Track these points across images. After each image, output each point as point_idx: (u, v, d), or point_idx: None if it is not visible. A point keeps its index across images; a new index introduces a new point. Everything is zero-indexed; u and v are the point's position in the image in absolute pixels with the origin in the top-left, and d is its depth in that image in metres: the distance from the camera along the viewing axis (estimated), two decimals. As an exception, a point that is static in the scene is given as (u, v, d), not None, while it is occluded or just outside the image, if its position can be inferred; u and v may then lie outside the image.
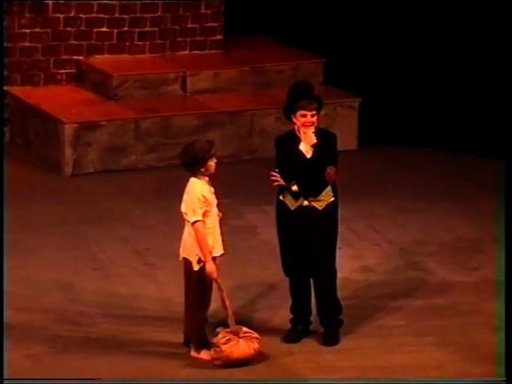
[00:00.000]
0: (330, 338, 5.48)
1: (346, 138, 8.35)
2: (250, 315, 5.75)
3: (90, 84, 8.42)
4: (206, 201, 5.20)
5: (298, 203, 5.38)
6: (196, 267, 5.27)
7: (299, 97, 5.38)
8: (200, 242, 5.21)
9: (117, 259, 6.49)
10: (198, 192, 5.20)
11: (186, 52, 8.67)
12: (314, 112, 5.39)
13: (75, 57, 8.45)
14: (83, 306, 5.88)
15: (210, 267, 5.23)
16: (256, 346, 5.29)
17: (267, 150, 8.29)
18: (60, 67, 8.44)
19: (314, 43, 8.61)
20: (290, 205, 5.40)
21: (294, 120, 5.43)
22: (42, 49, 8.37)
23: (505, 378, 4.90)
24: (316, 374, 5.25)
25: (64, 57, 8.43)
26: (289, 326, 5.59)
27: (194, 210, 5.19)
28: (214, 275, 5.23)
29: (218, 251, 5.34)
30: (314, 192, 5.37)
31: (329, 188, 5.43)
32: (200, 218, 5.17)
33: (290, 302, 5.62)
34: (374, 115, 8.31)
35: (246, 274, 6.24)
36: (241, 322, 5.44)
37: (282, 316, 5.71)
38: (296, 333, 5.52)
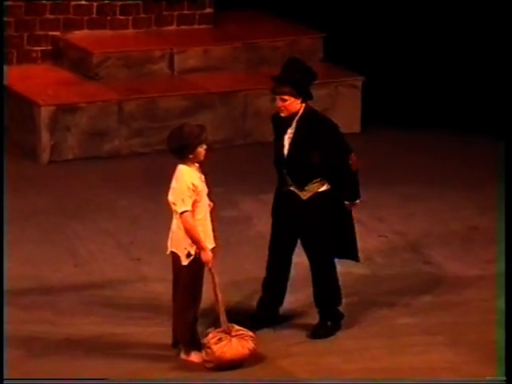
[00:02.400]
0: (319, 332, 5.50)
1: (349, 120, 8.32)
2: (245, 313, 5.73)
3: (68, 62, 8.38)
4: (195, 189, 5.17)
5: (287, 187, 5.47)
6: (185, 262, 5.26)
7: (273, 78, 5.44)
8: (190, 233, 5.19)
9: (99, 254, 6.48)
10: (188, 180, 5.16)
11: (173, 27, 8.63)
12: (283, 96, 5.40)
13: (51, 32, 8.40)
14: (63, 305, 5.86)
15: (206, 255, 5.19)
16: (251, 345, 5.27)
17: (262, 133, 8.28)
18: (35, 44, 8.40)
19: (312, 16, 8.58)
20: (281, 186, 5.52)
21: None
22: (15, 23, 8.32)
23: (505, 378, 4.93)
24: (317, 377, 5.24)
25: (39, 32, 8.38)
26: (287, 326, 5.60)
27: (182, 200, 5.16)
28: (210, 264, 5.21)
29: (209, 244, 5.32)
30: (296, 181, 5.42)
31: (318, 178, 5.44)
32: (189, 208, 5.13)
33: (288, 298, 5.61)
34: (379, 95, 8.29)
35: (240, 269, 6.24)
36: (234, 320, 5.43)
37: (280, 314, 5.70)
38: (261, 320, 5.53)
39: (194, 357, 5.31)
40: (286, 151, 5.44)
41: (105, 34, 8.46)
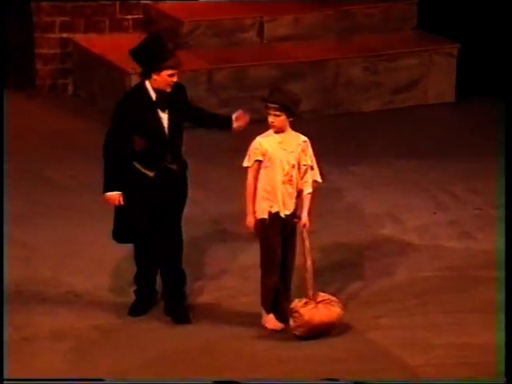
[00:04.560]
0: (183, 315, 5.40)
1: (443, 90, 8.16)
2: (335, 285, 5.70)
3: (158, 31, 8.41)
4: (263, 152, 5.31)
5: (162, 165, 5.36)
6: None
7: (167, 54, 5.28)
8: (245, 189, 5.35)
9: (189, 224, 6.50)
10: (257, 141, 5.37)
11: (263, -5, 8.58)
12: (178, 71, 5.36)
13: (143, 1, 8.44)
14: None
15: (248, 222, 5.33)
16: (337, 309, 5.29)
17: (354, 103, 8.18)
18: (127, 12, 8.43)
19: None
20: (148, 172, 5.36)
21: (155, 76, 5.29)
22: (108, -8, 8.40)
23: (505, 378, 4.82)
24: (408, 351, 5.16)
25: (131, 1, 8.43)
26: (373, 298, 5.54)
27: (248, 156, 5.36)
28: (250, 230, 5.30)
29: (285, 211, 5.34)
30: (176, 154, 5.37)
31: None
32: (249, 164, 5.35)
33: (373, 271, 5.55)
34: (475, 63, 8.08)
35: (329, 241, 6.18)
36: (326, 291, 5.41)
37: (373, 286, 5.68)
38: (142, 305, 5.47)
39: (269, 323, 5.33)
40: (166, 128, 5.33)
41: (195, 2, 8.46)
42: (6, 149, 7.31)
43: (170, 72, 5.30)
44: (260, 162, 5.34)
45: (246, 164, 5.40)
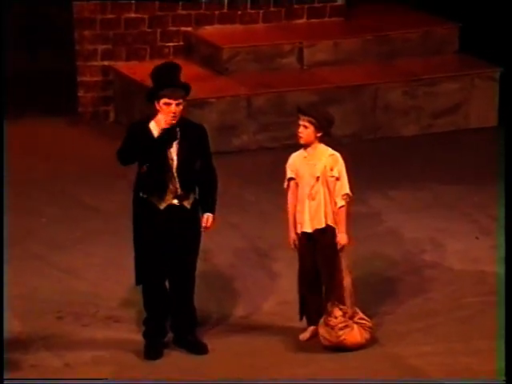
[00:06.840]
0: (201, 346, 5.33)
1: (485, 114, 8.07)
2: (373, 309, 5.63)
3: (198, 58, 8.42)
4: (293, 169, 5.48)
5: (167, 202, 5.25)
6: None
7: (164, 83, 5.23)
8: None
9: (226, 248, 6.48)
10: (289, 160, 5.55)
11: (303, 20, 8.56)
12: (179, 101, 5.24)
13: (183, 28, 8.47)
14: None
15: (289, 237, 5.49)
16: (368, 335, 5.37)
17: (393, 127, 8.12)
18: (167, 40, 8.47)
19: (446, 6, 8.35)
20: (158, 204, 5.25)
21: (158, 107, 5.28)
22: (149, 20, 8.42)
23: (504, 378, 4.76)
24: (450, 377, 5.09)
25: (171, 28, 8.45)
26: (413, 325, 5.46)
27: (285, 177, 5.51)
28: (291, 246, 5.43)
29: (305, 229, 5.44)
30: (186, 190, 5.27)
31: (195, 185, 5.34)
32: (285, 184, 5.53)
33: (414, 296, 5.53)
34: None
35: (369, 265, 6.11)
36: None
37: (413, 311, 5.60)
38: (158, 347, 5.33)
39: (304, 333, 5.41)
40: (175, 161, 5.25)
41: (235, 28, 8.46)
42: (48, 174, 7.36)
43: (165, 101, 5.22)
44: (293, 179, 5.45)
45: (285, 185, 5.53)
